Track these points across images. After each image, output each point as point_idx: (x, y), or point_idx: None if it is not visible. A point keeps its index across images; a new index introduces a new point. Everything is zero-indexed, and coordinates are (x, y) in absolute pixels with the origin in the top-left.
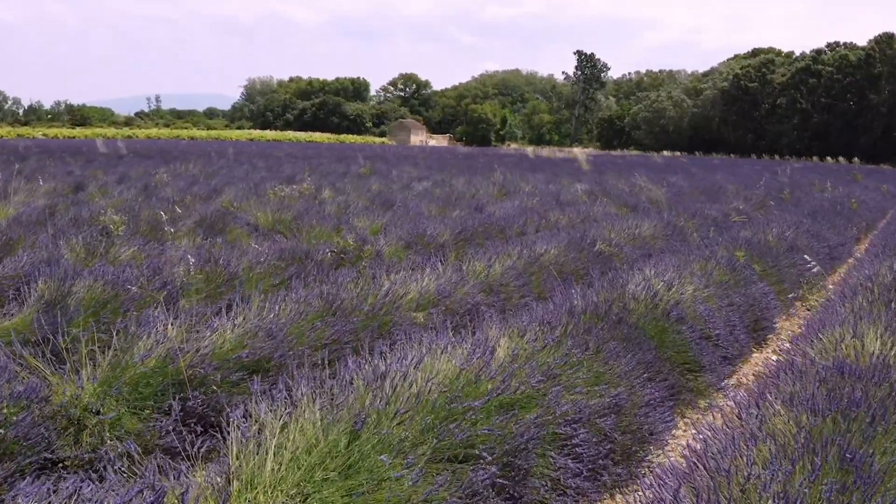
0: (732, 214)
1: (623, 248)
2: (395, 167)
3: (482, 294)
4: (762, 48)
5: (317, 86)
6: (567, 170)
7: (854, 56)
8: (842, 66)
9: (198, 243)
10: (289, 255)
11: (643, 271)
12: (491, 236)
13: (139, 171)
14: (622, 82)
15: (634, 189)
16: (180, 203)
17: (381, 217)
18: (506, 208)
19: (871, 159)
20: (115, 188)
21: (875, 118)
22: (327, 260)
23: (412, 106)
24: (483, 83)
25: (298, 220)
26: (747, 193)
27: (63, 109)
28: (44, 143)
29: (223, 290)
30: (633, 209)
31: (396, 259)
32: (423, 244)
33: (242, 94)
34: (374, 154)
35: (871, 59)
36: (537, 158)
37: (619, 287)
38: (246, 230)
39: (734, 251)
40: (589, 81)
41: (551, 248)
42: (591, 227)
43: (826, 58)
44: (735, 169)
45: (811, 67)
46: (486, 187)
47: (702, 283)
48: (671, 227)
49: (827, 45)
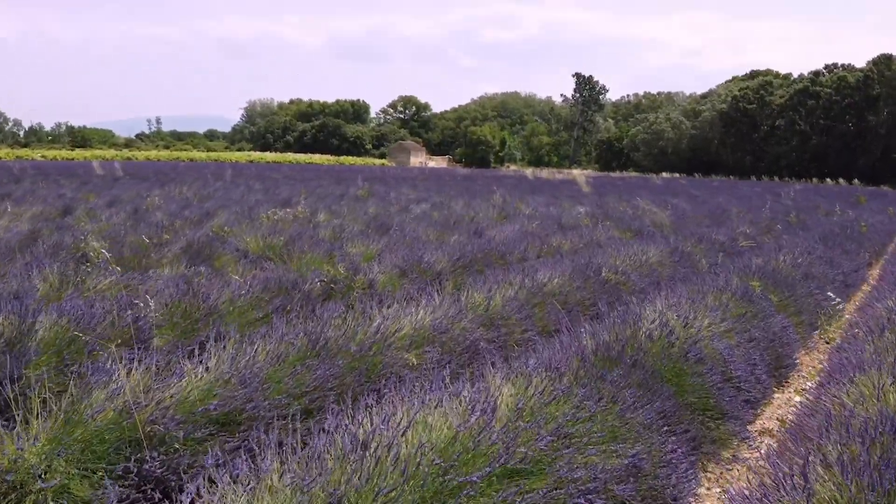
0: (740, 239)
1: (630, 276)
2: (394, 189)
3: (482, 329)
4: (760, 70)
5: (317, 108)
6: (567, 192)
7: (852, 77)
8: (840, 87)
9: (180, 272)
10: (274, 285)
11: (655, 304)
12: (491, 263)
13: (132, 194)
14: (620, 104)
15: (637, 212)
16: (169, 228)
17: (376, 242)
18: (506, 232)
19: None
20: (104, 212)
21: (874, 139)
22: (316, 291)
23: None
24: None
25: (290, 246)
26: (753, 217)
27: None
28: (41, 165)
29: (200, 327)
30: (636, 233)
31: (391, 288)
32: (420, 272)
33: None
34: (372, 176)
35: (869, 81)
36: (536, 180)
37: (632, 324)
38: (235, 256)
39: (749, 280)
40: (587, 103)
41: (555, 276)
42: (596, 252)
43: (824, 79)
44: (737, 191)
45: (809, 89)
46: (486, 210)
47: (718, 316)
48: (678, 253)
49: (825, 67)
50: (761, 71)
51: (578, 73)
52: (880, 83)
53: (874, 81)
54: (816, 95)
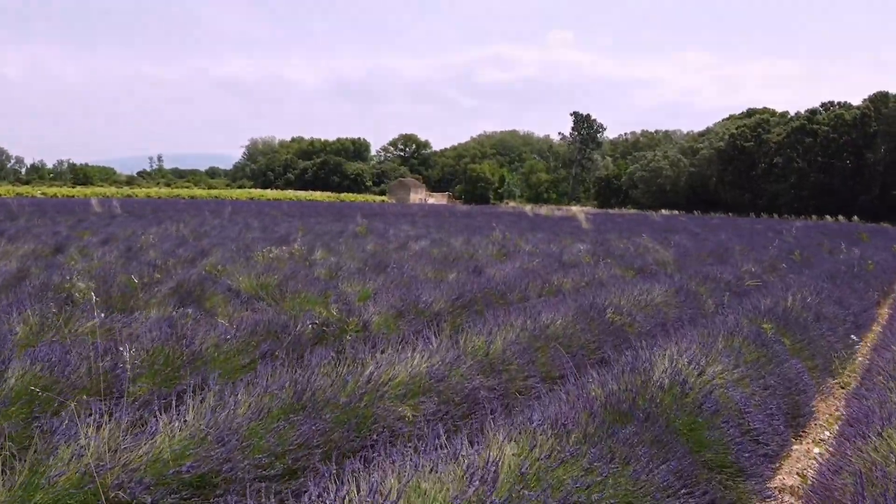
0: (745, 278)
1: (635, 318)
2: (393, 226)
3: (481, 376)
4: (757, 108)
5: (318, 146)
6: (567, 228)
7: (849, 115)
8: (837, 125)
9: (167, 314)
10: (263, 328)
11: (665, 349)
12: (491, 303)
13: (127, 232)
14: (618, 142)
15: (639, 249)
16: (161, 267)
17: (373, 281)
18: (506, 270)
19: (871, 217)
20: (97, 250)
21: (872, 177)
22: (307, 334)
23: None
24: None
25: (284, 285)
26: (756, 255)
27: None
28: (40, 202)
29: (182, 374)
30: (639, 271)
31: (386, 330)
32: (417, 312)
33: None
34: (372, 212)
35: (866, 118)
36: (536, 217)
37: (642, 372)
38: (226, 297)
39: (760, 323)
40: (585, 141)
41: (558, 317)
42: (598, 292)
43: (821, 117)
44: (737, 229)
45: (806, 127)
46: (485, 247)
47: (730, 361)
48: (683, 293)
49: (821, 105)
50: (758, 109)
51: (576, 111)
52: (877, 120)
53: (871, 119)
54: (813, 133)
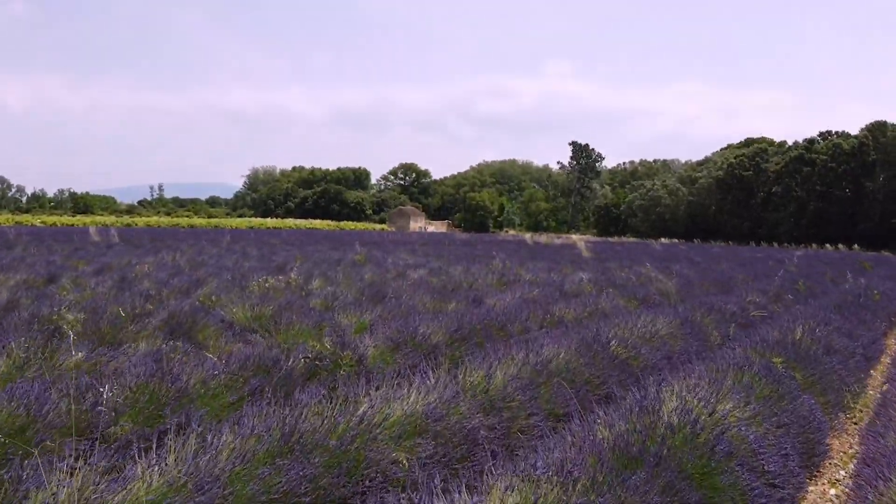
0: (750, 309)
1: (640, 351)
2: (392, 254)
3: (481, 414)
4: (755, 138)
5: (318, 175)
6: (567, 257)
7: (847, 144)
8: (835, 154)
9: (156, 347)
10: (253, 363)
11: (673, 386)
12: (491, 335)
13: (122, 262)
14: (617, 171)
15: (641, 279)
16: (155, 297)
17: (370, 311)
18: (506, 301)
19: (871, 246)
20: (91, 280)
21: (872, 205)
22: (299, 369)
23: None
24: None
25: (279, 316)
26: (760, 284)
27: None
28: (38, 231)
29: (167, 413)
30: (642, 301)
31: (382, 364)
32: (414, 345)
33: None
34: (371, 241)
35: (864, 148)
36: (536, 245)
37: (651, 411)
38: (219, 328)
39: (770, 356)
40: (584, 170)
41: (560, 350)
42: (601, 323)
43: (819, 147)
44: (739, 258)
45: (805, 156)
46: (485, 276)
47: (742, 398)
48: (689, 324)
49: (819, 134)
50: (756, 139)
51: (575, 141)
52: (875, 150)
53: (869, 148)
54: (812, 162)
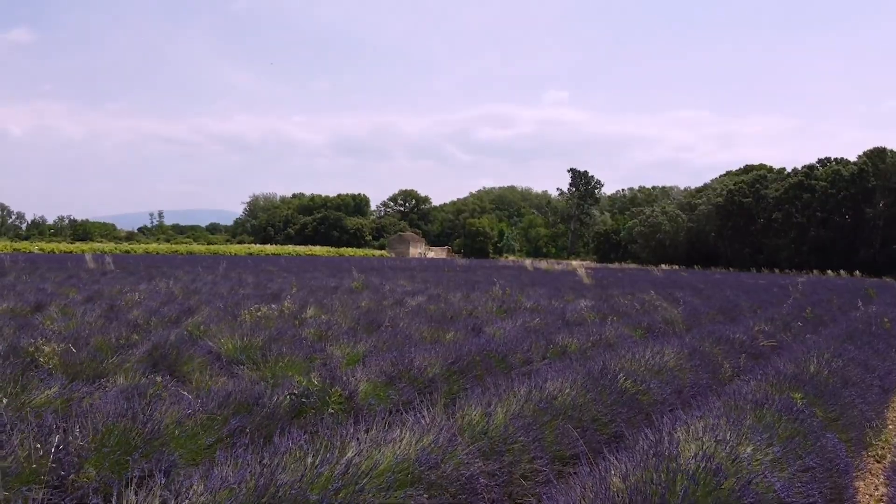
0: (760, 338)
1: (650, 385)
2: (390, 280)
3: (480, 459)
4: (754, 164)
5: (318, 201)
6: (568, 284)
7: (846, 171)
8: (835, 181)
9: (135, 382)
10: (235, 401)
11: (689, 426)
12: (491, 367)
13: (115, 290)
14: (616, 198)
15: (645, 306)
16: (143, 326)
17: (364, 342)
18: (507, 329)
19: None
20: (79, 308)
21: (872, 231)
22: (284, 407)
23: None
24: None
25: (269, 347)
26: (766, 312)
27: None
28: (34, 258)
29: (137, 458)
30: (647, 330)
31: (375, 399)
32: (409, 379)
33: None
34: (370, 267)
35: (864, 174)
36: (536, 271)
37: (668, 457)
38: (206, 360)
39: (787, 391)
40: (583, 197)
41: (565, 385)
42: (607, 354)
43: (819, 173)
44: (741, 284)
45: (804, 183)
46: (485, 303)
47: (764, 439)
48: (698, 355)
49: (818, 161)
50: (755, 165)
51: (574, 168)
52: (875, 176)
53: (869, 174)
54: (811, 189)
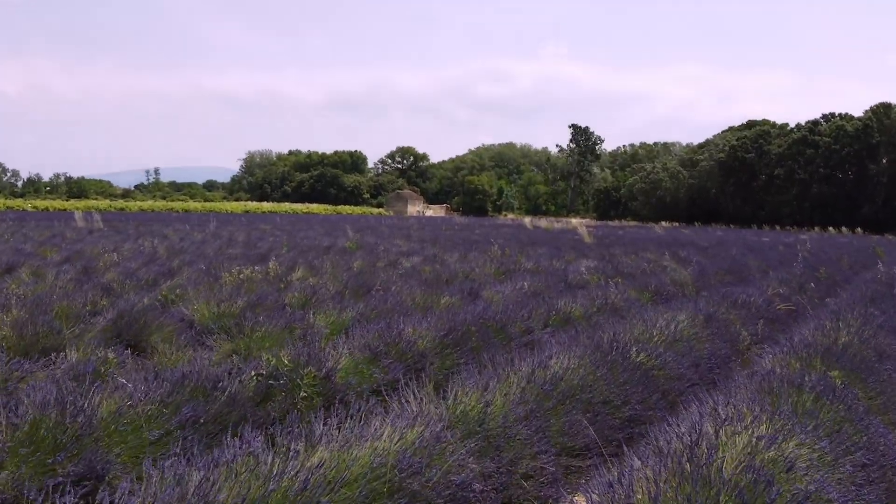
0: (776, 301)
1: (665, 358)
2: (386, 240)
3: (475, 457)
4: (757, 120)
5: (315, 158)
6: (569, 243)
7: (851, 127)
8: (839, 136)
9: (89, 357)
10: (191, 384)
11: (717, 411)
12: (488, 338)
13: (96, 249)
14: (617, 154)
15: (651, 267)
16: (116, 290)
17: (351, 308)
18: (506, 293)
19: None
20: (53, 270)
21: (876, 188)
22: (249, 389)
23: (409, 177)
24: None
25: (247, 313)
26: (778, 273)
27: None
28: (24, 216)
29: (61, 460)
30: (654, 293)
31: (356, 379)
32: (397, 353)
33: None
34: (366, 226)
35: (868, 130)
36: (535, 230)
37: (705, 463)
38: (177, 328)
39: (820, 366)
40: (583, 154)
41: (572, 361)
42: (614, 322)
43: (822, 129)
44: (746, 242)
45: (808, 138)
46: (483, 264)
47: (809, 433)
48: (714, 323)
49: (822, 117)
50: (758, 121)
51: (574, 123)
52: (879, 132)
53: (873, 130)
54: (815, 145)
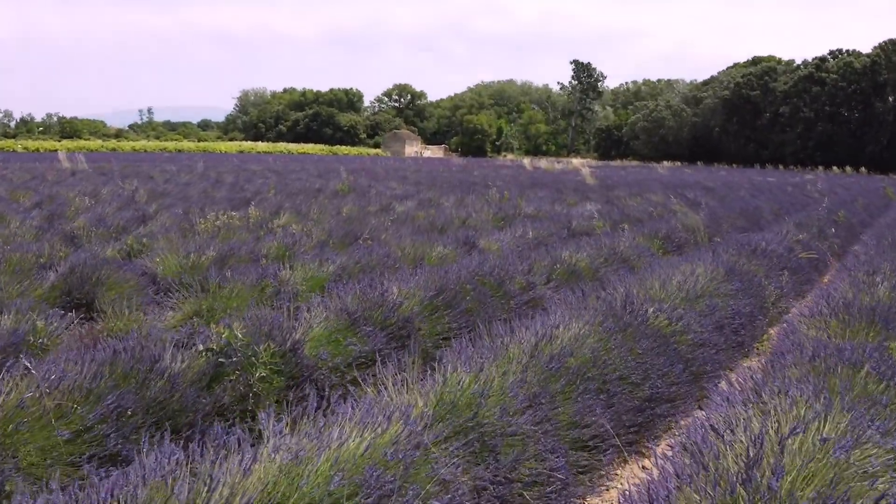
0: (797, 249)
1: (687, 321)
2: (380, 182)
3: (465, 466)
4: (762, 56)
5: (310, 97)
6: (571, 185)
7: (858, 63)
8: (846, 73)
9: (17, 327)
10: (122, 363)
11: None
12: (485, 298)
13: (72, 193)
14: (619, 91)
15: (657, 210)
16: (81, 239)
17: (333, 261)
18: (505, 242)
19: (879, 168)
20: (19, 216)
21: (881, 127)
22: (194, 369)
23: (407, 117)
24: (478, 93)
25: (218, 266)
26: (793, 217)
27: (55, 122)
28: (9, 157)
29: None
30: (665, 240)
31: (329, 352)
32: (379, 319)
33: (236, 106)
34: (361, 167)
35: (876, 67)
36: (535, 170)
37: (766, 488)
38: (137, 285)
39: (879, 338)
40: (585, 91)
41: (581, 328)
42: (624, 273)
43: (829, 65)
44: (753, 183)
45: (814, 75)
46: (481, 209)
47: (875, 428)
48: (736, 276)
49: (830, 53)
50: (764, 57)
51: (576, 59)
52: (887, 69)
53: (881, 67)
54: (822, 82)
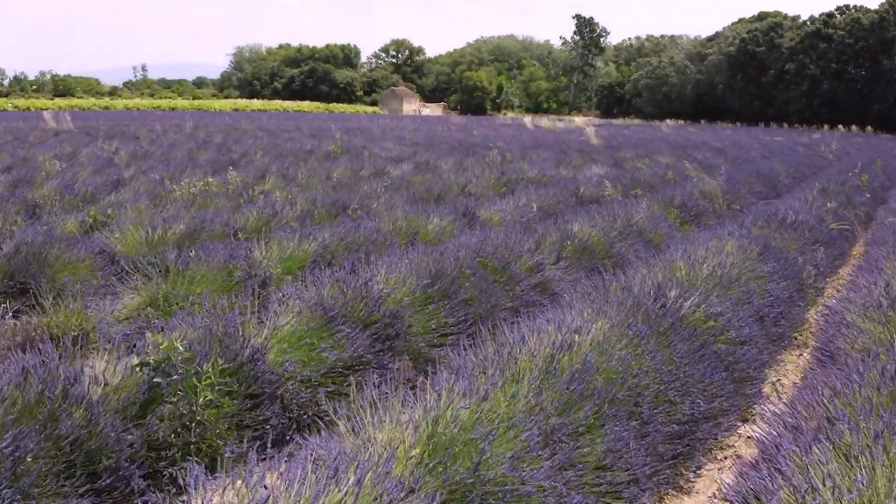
0: (827, 219)
1: (724, 314)
2: (376, 143)
3: None
4: (768, 11)
5: (306, 53)
6: (575, 145)
7: (867, 19)
8: (854, 29)
9: None
10: (36, 382)
11: None
12: (487, 285)
13: (49, 154)
14: (622, 47)
15: (670, 174)
16: (43, 208)
17: (318, 234)
18: (508, 213)
19: (885, 128)
20: None
21: (888, 85)
22: (122, 392)
23: (405, 73)
24: (478, 49)
25: (185, 242)
26: (814, 182)
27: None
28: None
29: None
30: (681, 209)
31: (297, 363)
32: (362, 313)
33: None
34: (356, 126)
35: (884, 23)
36: (537, 129)
37: None
38: (93, 265)
39: None
40: (588, 47)
41: (605, 329)
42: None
43: (837, 21)
44: (761, 142)
45: (822, 31)
46: (481, 173)
47: None
48: (771, 254)
49: (837, 9)
50: (770, 13)
51: (578, 14)
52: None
53: (890, 23)
54: (829, 38)
